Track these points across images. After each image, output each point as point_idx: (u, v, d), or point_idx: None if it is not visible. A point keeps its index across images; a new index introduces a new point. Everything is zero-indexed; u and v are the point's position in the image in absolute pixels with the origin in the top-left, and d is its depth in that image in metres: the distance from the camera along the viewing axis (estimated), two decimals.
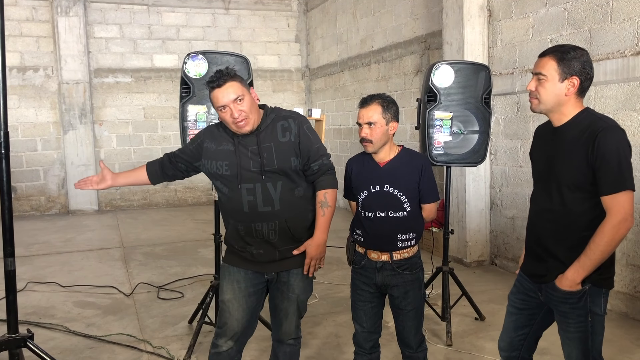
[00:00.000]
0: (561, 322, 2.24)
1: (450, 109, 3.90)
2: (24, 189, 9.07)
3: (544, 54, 2.17)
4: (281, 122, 2.50)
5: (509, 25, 5.21)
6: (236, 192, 2.44)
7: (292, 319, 2.62)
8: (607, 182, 2.02)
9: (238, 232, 2.49)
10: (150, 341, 3.82)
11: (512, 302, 2.43)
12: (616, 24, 4.15)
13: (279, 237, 2.46)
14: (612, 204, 2.02)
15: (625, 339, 3.78)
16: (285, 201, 2.44)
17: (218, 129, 2.55)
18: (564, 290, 2.14)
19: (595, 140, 2.02)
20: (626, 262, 4.17)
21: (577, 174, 2.08)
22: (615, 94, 4.19)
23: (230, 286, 2.55)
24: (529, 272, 2.33)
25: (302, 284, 2.58)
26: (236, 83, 2.39)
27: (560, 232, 2.16)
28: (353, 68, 8.69)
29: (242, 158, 2.43)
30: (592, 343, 2.19)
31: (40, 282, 5.23)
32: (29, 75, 8.97)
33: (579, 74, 2.11)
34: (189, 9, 9.82)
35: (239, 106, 2.36)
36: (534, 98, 2.19)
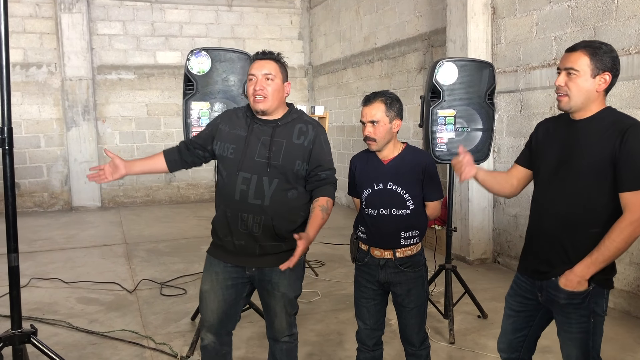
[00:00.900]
0: (563, 323, 2.21)
1: (454, 107, 3.89)
2: (27, 185, 9.09)
3: (573, 48, 2.12)
4: (300, 125, 2.51)
5: (512, 23, 5.19)
6: (232, 178, 2.45)
7: (282, 316, 2.59)
8: (630, 178, 1.99)
9: (226, 217, 2.49)
10: (153, 337, 3.83)
11: (509, 305, 2.41)
12: (621, 21, 4.13)
13: (262, 232, 2.45)
14: (632, 200, 1.99)
15: (627, 337, 3.78)
16: (276, 200, 2.44)
17: (237, 113, 2.58)
18: (568, 290, 2.11)
19: (624, 135, 1.99)
20: (629, 261, 4.16)
21: (597, 168, 2.05)
22: (619, 92, 4.18)
23: (209, 277, 2.57)
24: (531, 268, 2.28)
25: (286, 281, 2.54)
26: (276, 65, 2.46)
27: (570, 228, 2.12)
28: (356, 65, 8.68)
29: (251, 145, 2.45)
30: (592, 344, 2.17)
31: (43, 278, 5.25)
32: (32, 72, 8.99)
33: (611, 70, 2.07)
34: (192, 5, 9.81)
35: (265, 83, 2.42)
36: (563, 95, 2.11)
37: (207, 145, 2.58)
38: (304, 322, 4.10)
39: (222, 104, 3.67)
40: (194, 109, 3.65)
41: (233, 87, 3.71)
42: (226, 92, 3.70)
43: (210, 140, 2.57)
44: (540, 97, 4.90)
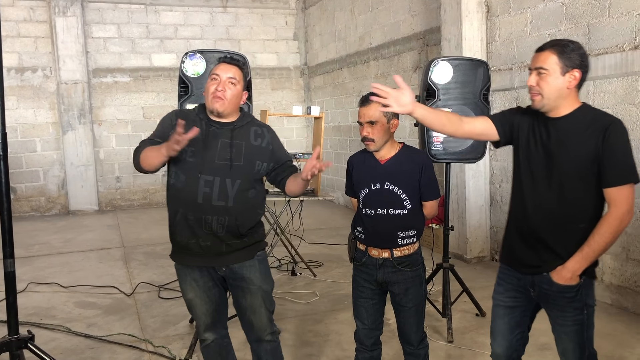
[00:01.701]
0: (557, 317, 2.22)
1: (449, 105, 3.89)
2: (24, 189, 9.07)
3: (541, 48, 2.17)
4: (255, 127, 2.58)
5: (507, 21, 5.20)
6: (193, 181, 2.44)
7: (261, 312, 2.60)
8: (614, 174, 2.04)
9: (187, 221, 2.47)
10: (151, 341, 3.82)
11: (501, 303, 2.37)
12: (614, 18, 4.14)
13: (226, 231, 2.47)
14: (617, 195, 2.04)
15: (625, 332, 3.78)
16: (239, 200, 2.47)
17: (189, 115, 2.55)
18: (561, 284, 2.14)
19: (606, 132, 2.04)
20: (626, 257, 4.17)
21: (582, 165, 2.08)
22: (614, 89, 4.19)
23: (189, 286, 2.59)
24: (520, 263, 2.28)
25: (259, 274, 2.57)
26: (240, 72, 2.51)
27: (559, 224, 2.15)
28: (352, 65, 8.68)
29: (210, 148, 2.46)
30: (586, 334, 2.20)
31: (41, 283, 5.23)
32: (28, 76, 8.96)
33: (579, 66, 2.12)
34: (186, 7, 9.80)
35: (227, 86, 2.45)
36: (536, 94, 2.17)
37: None
38: (303, 323, 4.10)
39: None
40: None
41: None
42: None
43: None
44: None
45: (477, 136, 2.40)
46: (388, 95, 2.15)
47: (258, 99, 9.57)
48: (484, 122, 2.35)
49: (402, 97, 2.16)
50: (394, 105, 2.15)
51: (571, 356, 2.22)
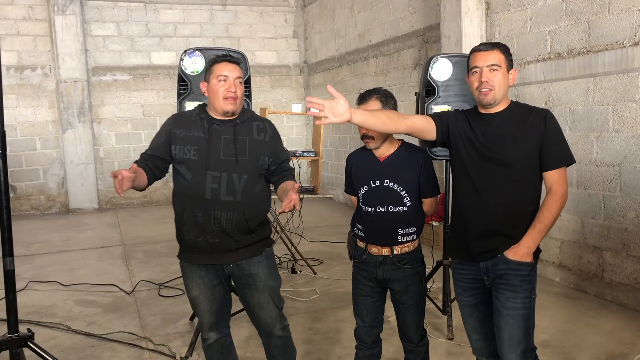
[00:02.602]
0: (507, 299, 2.25)
1: (449, 103, 3.88)
2: (24, 188, 9.06)
3: (490, 48, 2.32)
4: (257, 122, 2.61)
5: (506, 18, 5.19)
6: (200, 178, 2.46)
7: (269, 308, 2.61)
8: (556, 157, 2.24)
9: (195, 219, 2.48)
10: (151, 339, 3.82)
11: (464, 302, 2.46)
12: (614, 14, 4.13)
13: (235, 227, 2.48)
14: (558, 177, 2.25)
15: (626, 330, 3.78)
16: (246, 194, 2.49)
17: (189, 116, 2.58)
18: (516, 261, 2.23)
19: (545, 119, 2.24)
20: (627, 254, 4.17)
21: (530, 153, 2.24)
22: (614, 85, 4.18)
23: (194, 283, 2.59)
24: (473, 252, 2.34)
25: (266, 270, 2.59)
26: (240, 70, 2.55)
27: (511, 210, 2.27)
28: (351, 63, 8.67)
29: (214, 145, 2.48)
30: (532, 324, 2.28)
31: (41, 281, 5.24)
32: (27, 75, 8.95)
33: (513, 66, 2.35)
34: (186, 5, 9.79)
35: (237, 86, 2.50)
36: (490, 89, 2.27)
37: (166, 155, 2.54)
38: (303, 321, 4.10)
39: None
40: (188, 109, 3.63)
41: None
42: None
43: (167, 148, 2.53)
44: (535, 91, 4.90)
45: (417, 132, 2.45)
46: (322, 107, 2.16)
47: (258, 97, 9.57)
48: (425, 120, 2.45)
49: (337, 107, 2.17)
50: (330, 116, 2.16)
51: (516, 346, 2.24)
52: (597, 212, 4.40)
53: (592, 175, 4.42)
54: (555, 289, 4.64)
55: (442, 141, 2.44)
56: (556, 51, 4.66)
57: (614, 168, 4.24)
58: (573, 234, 4.63)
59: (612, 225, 4.28)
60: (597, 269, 4.44)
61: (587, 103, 4.41)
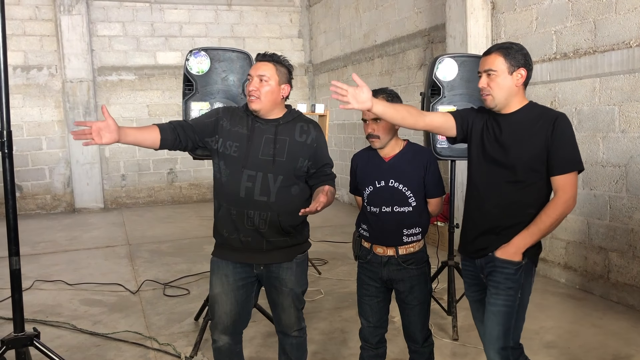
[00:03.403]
0: (491, 295, 2.31)
1: (454, 103, 3.88)
2: (30, 187, 9.10)
3: (488, 52, 2.33)
4: (301, 124, 2.58)
5: (512, 18, 5.18)
6: (236, 176, 2.47)
7: (290, 311, 2.63)
8: (562, 162, 2.22)
9: (230, 215, 2.49)
10: (156, 338, 3.83)
11: (471, 298, 2.53)
12: (621, 14, 4.11)
13: (269, 228, 2.48)
14: (565, 182, 2.22)
15: (632, 331, 3.77)
16: (281, 196, 2.48)
17: (237, 111, 2.59)
18: (502, 259, 2.26)
19: (554, 124, 2.22)
20: (633, 255, 4.15)
21: (534, 155, 2.24)
22: (620, 85, 4.16)
23: (218, 280, 2.58)
24: (470, 248, 2.40)
25: (293, 277, 2.58)
26: (273, 67, 2.52)
27: (510, 212, 2.29)
28: (356, 63, 8.66)
29: (254, 143, 2.48)
30: (514, 324, 2.29)
31: (46, 281, 5.25)
32: (33, 74, 8.99)
33: (524, 65, 2.29)
34: (191, 5, 9.81)
35: (259, 84, 2.47)
36: (487, 95, 2.30)
37: (205, 136, 2.53)
38: (308, 321, 4.06)
39: (221, 103, 3.66)
40: (193, 109, 3.64)
41: (232, 87, 3.70)
42: (226, 91, 3.70)
43: (210, 132, 2.52)
44: (541, 91, 4.88)
45: (436, 129, 2.49)
46: (346, 93, 2.21)
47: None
48: (444, 116, 2.47)
49: (360, 95, 2.22)
50: (353, 103, 2.21)
51: (495, 342, 2.29)
52: (603, 212, 4.38)
53: (598, 175, 4.41)
54: (561, 290, 4.62)
55: (463, 137, 2.45)
56: (562, 51, 4.64)
57: (620, 169, 4.22)
58: (579, 234, 4.61)
59: (618, 226, 4.26)
60: (603, 270, 4.42)
61: (593, 103, 4.39)
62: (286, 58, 2.67)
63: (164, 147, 2.49)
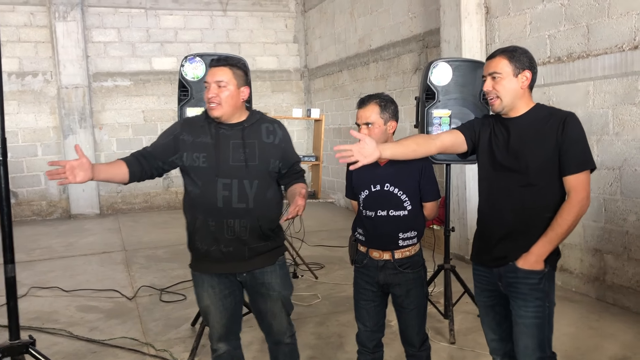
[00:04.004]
0: (519, 308, 2.26)
1: (449, 107, 3.89)
2: (25, 194, 9.08)
3: (492, 55, 2.32)
4: (266, 124, 2.56)
5: (506, 22, 5.20)
6: (211, 186, 2.42)
7: (281, 317, 2.61)
8: (574, 162, 2.19)
9: (208, 227, 2.44)
10: (153, 344, 3.82)
11: (482, 303, 2.48)
12: (614, 18, 4.14)
13: (250, 234, 2.45)
14: (577, 182, 2.19)
15: (628, 333, 3.78)
16: (259, 200, 2.46)
17: (196, 121, 2.54)
18: (525, 269, 2.21)
19: (564, 123, 2.20)
20: (628, 257, 4.17)
21: (545, 157, 2.21)
22: (614, 89, 4.18)
23: (205, 293, 2.56)
24: (486, 257, 2.36)
25: (279, 280, 2.57)
26: (230, 71, 2.45)
27: (526, 217, 2.24)
28: (352, 67, 8.68)
29: (222, 151, 2.44)
30: (547, 333, 2.25)
31: (42, 287, 5.24)
32: (28, 81, 8.98)
33: (529, 67, 2.28)
34: (186, 11, 9.82)
35: (217, 90, 2.42)
36: (495, 98, 2.28)
37: (168, 157, 2.49)
38: (304, 325, 4.09)
39: None
40: (189, 115, 3.65)
41: None
42: None
43: (171, 151, 2.49)
44: (535, 95, 4.85)
45: (449, 149, 2.46)
46: (351, 152, 2.21)
47: (258, 102, 9.58)
48: (452, 134, 2.44)
49: (365, 149, 2.23)
50: (362, 159, 2.21)
51: (532, 355, 2.25)
52: (598, 215, 4.40)
53: (592, 178, 4.38)
54: (557, 293, 4.56)
55: (473, 149, 2.43)
56: (556, 55, 4.67)
57: (615, 171, 4.24)
58: (574, 237, 4.62)
59: (613, 228, 4.28)
60: (598, 272, 4.44)
61: (587, 106, 4.42)
62: (241, 59, 2.66)
63: (133, 180, 2.47)
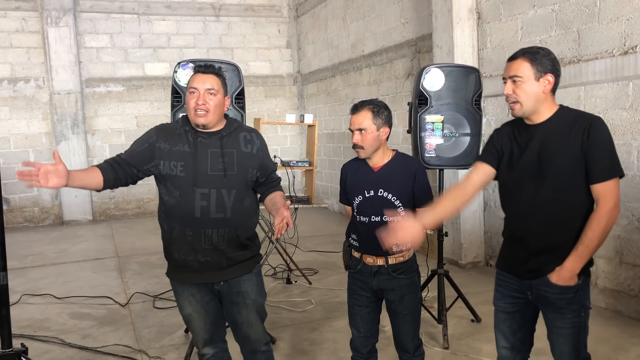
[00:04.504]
0: (555, 319, 2.23)
1: (442, 112, 3.91)
2: (17, 200, 9.02)
3: (514, 57, 2.24)
4: (244, 133, 2.54)
5: (498, 27, 5.24)
6: (189, 196, 2.39)
7: (257, 325, 2.59)
8: (600, 169, 2.09)
9: (185, 237, 2.42)
10: (146, 351, 3.80)
11: (500, 308, 2.42)
12: (604, 24, 4.18)
13: (227, 243, 2.44)
14: (605, 190, 2.09)
15: (619, 337, 3.79)
16: (236, 209, 2.44)
17: (173, 129, 2.51)
18: (561, 285, 2.15)
19: (589, 129, 2.09)
20: (620, 261, 4.19)
21: (571, 164, 2.12)
22: (604, 94, 4.22)
23: (186, 301, 2.56)
24: (518, 269, 2.30)
25: (255, 287, 2.56)
26: (218, 80, 2.46)
27: (556, 227, 2.17)
28: (344, 73, 8.71)
29: (200, 160, 2.41)
30: (582, 337, 2.23)
31: (34, 295, 5.20)
32: (20, 87, 8.94)
33: (552, 71, 2.19)
34: (179, 17, 9.82)
35: (208, 98, 2.40)
36: (515, 102, 2.21)
37: (144, 165, 2.46)
38: (298, 331, 4.09)
39: None
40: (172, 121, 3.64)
41: None
42: None
43: (147, 160, 2.46)
44: None
45: (484, 184, 2.41)
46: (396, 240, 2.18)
47: (251, 107, 9.57)
48: (479, 170, 2.37)
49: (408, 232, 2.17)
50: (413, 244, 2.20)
51: (567, 359, 2.23)
52: None
53: None
54: None
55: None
56: None
57: None
58: None
59: None
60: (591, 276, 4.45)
61: None
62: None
63: (107, 187, 2.44)
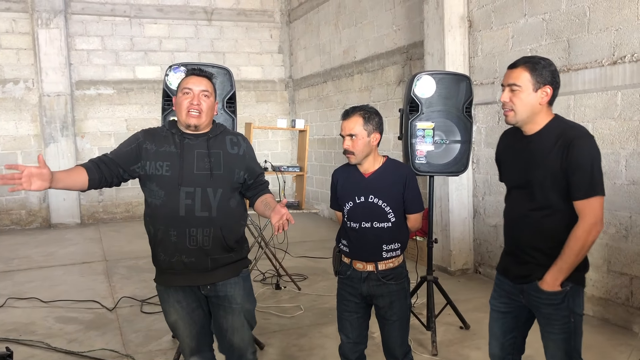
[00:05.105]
0: (545, 325, 2.27)
1: (432, 119, 3.93)
2: (4, 202, 8.93)
3: (514, 65, 2.24)
4: (230, 136, 2.57)
5: (489, 36, 5.28)
6: (174, 195, 2.39)
7: (242, 332, 2.56)
8: (580, 187, 2.11)
9: (170, 237, 2.41)
10: (133, 356, 3.77)
11: (495, 307, 2.46)
12: (593, 34, 4.23)
13: (212, 244, 2.43)
14: (584, 208, 2.11)
15: (606, 344, 3.81)
16: (222, 209, 2.44)
17: (159, 132, 2.52)
18: (547, 291, 2.19)
19: (569, 148, 2.11)
20: (607, 269, 4.22)
21: (554, 179, 2.15)
22: (593, 103, 4.26)
23: (172, 308, 2.54)
24: (511, 273, 2.36)
25: (242, 292, 2.53)
26: (211, 84, 2.52)
27: (540, 236, 2.22)
28: (336, 78, 8.73)
29: (186, 160, 2.42)
30: (573, 343, 2.25)
31: (20, 298, 5.14)
32: (9, 88, 8.87)
33: (551, 83, 2.19)
34: (171, 20, 9.80)
35: (202, 99, 2.45)
36: (509, 110, 2.23)
37: (130, 166, 2.45)
38: (287, 337, 4.07)
39: None
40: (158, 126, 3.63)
41: None
42: None
43: (133, 159, 2.45)
44: None
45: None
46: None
47: (243, 112, 9.57)
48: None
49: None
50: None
51: None
52: None
53: None
54: None
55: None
56: None
57: None
58: None
59: None
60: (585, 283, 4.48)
61: None
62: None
63: (92, 187, 2.41)
